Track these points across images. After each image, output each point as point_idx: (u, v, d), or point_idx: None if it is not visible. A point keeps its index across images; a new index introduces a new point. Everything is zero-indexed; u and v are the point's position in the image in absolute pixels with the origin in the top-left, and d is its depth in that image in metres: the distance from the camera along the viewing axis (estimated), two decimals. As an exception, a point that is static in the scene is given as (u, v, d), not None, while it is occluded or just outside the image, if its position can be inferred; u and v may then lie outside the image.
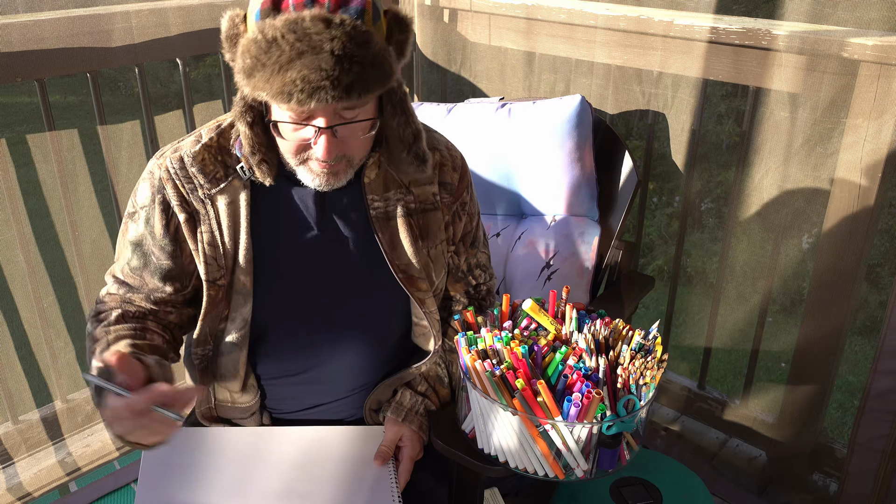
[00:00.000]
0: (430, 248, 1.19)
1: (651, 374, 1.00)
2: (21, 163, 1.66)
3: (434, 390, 1.24)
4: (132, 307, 1.14)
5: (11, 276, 1.70)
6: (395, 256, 1.15)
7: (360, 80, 0.92)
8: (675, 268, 1.96)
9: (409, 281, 1.16)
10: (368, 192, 1.13)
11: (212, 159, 1.09)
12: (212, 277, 1.10)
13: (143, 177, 1.12)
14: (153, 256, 1.12)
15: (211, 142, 1.10)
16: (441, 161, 1.20)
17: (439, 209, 1.19)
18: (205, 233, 1.10)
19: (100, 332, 1.09)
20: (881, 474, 1.55)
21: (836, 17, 1.48)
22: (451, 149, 1.24)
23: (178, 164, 1.09)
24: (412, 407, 1.20)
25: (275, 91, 0.92)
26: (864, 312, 2.87)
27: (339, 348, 1.19)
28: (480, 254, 1.31)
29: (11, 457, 1.79)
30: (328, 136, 0.98)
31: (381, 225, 1.14)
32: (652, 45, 1.70)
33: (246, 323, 1.13)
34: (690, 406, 1.98)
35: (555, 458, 1.00)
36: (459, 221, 1.24)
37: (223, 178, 1.09)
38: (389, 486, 1.12)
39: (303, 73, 0.89)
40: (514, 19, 1.91)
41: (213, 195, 1.09)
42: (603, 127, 1.67)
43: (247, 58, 0.93)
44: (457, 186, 1.21)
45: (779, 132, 1.61)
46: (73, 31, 1.54)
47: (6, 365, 1.73)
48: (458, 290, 1.30)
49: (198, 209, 1.09)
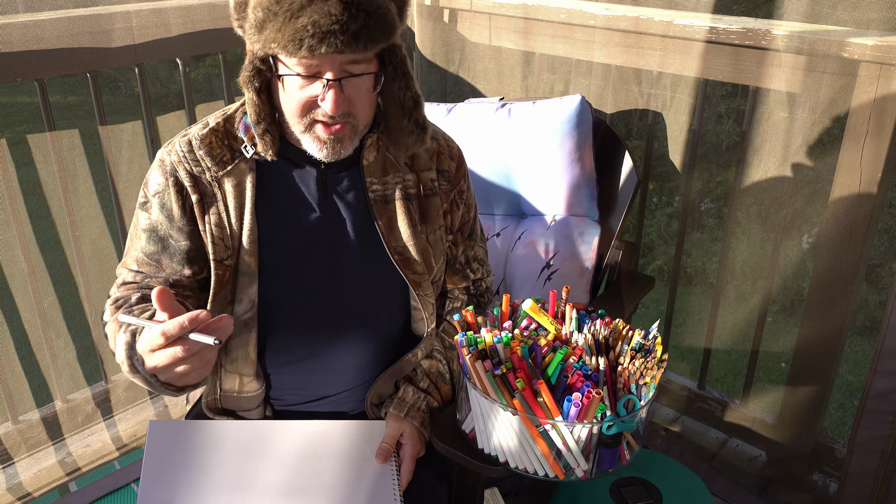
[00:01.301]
0: (429, 234, 1.21)
1: (651, 374, 1.00)
2: (21, 163, 1.66)
3: (436, 387, 1.25)
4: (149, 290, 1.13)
5: (12, 277, 1.70)
6: (393, 239, 1.18)
7: (366, 29, 0.96)
8: (675, 268, 1.96)
9: (404, 263, 1.18)
10: (367, 175, 1.16)
11: (219, 143, 1.12)
12: (219, 257, 1.13)
13: (154, 166, 1.14)
14: (171, 240, 1.13)
15: (218, 126, 1.13)
16: (438, 150, 1.24)
17: (437, 195, 1.22)
18: (212, 214, 1.12)
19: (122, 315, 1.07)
20: (881, 475, 1.55)
21: (835, 17, 1.48)
22: (448, 139, 1.27)
23: (186, 147, 1.12)
24: (414, 403, 1.21)
25: (286, 39, 0.95)
26: (864, 312, 2.87)
27: (341, 333, 1.20)
28: (478, 248, 1.34)
29: (11, 457, 1.79)
30: (336, 89, 1.01)
31: (380, 208, 1.17)
32: (651, 45, 1.70)
33: (253, 304, 1.15)
34: (690, 406, 1.98)
35: (555, 458, 1.00)
36: (457, 210, 1.27)
37: (230, 161, 1.12)
38: (391, 483, 1.13)
39: (313, 19, 0.94)
40: (514, 19, 1.91)
41: (220, 177, 1.12)
42: (603, 127, 1.67)
43: (258, 11, 0.97)
44: (454, 174, 1.25)
45: (779, 132, 1.61)
46: (74, 31, 1.54)
47: (6, 365, 1.73)
48: (456, 282, 1.32)
49: (206, 190, 1.12)
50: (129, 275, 1.16)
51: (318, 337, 1.20)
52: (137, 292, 1.14)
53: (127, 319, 0.97)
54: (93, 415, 1.90)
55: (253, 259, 1.13)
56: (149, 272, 1.15)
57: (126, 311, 1.09)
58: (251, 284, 1.14)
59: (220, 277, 1.13)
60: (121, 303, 1.12)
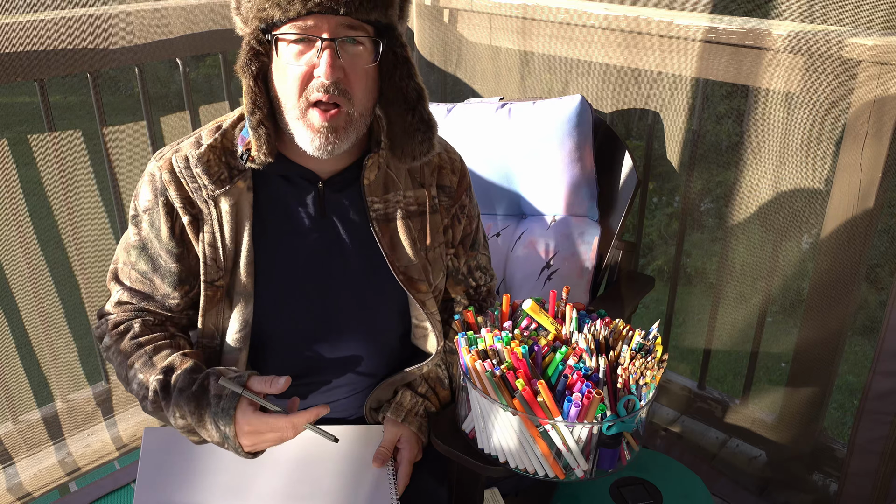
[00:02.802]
0: (429, 251, 1.19)
1: (651, 374, 1.00)
2: (22, 163, 1.66)
3: (434, 392, 1.25)
4: (149, 317, 1.15)
5: (12, 277, 1.70)
6: (396, 258, 1.15)
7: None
8: (675, 268, 1.96)
9: (409, 282, 1.16)
10: (368, 194, 1.13)
11: (216, 161, 1.09)
12: (209, 278, 1.11)
13: (144, 180, 1.12)
14: (161, 260, 1.12)
15: (216, 143, 1.10)
16: (440, 164, 1.21)
17: (437, 212, 1.20)
18: (206, 233, 1.10)
19: (129, 345, 1.11)
20: (881, 475, 1.55)
21: (835, 17, 1.48)
22: (451, 151, 1.24)
23: (182, 163, 1.08)
24: (412, 408, 1.20)
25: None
26: (864, 313, 2.87)
27: (340, 350, 1.19)
28: (480, 256, 1.31)
29: (12, 457, 1.79)
30: (331, 51, 0.98)
31: (382, 226, 1.14)
32: (651, 45, 1.70)
33: (247, 324, 1.13)
34: (690, 406, 1.98)
35: (555, 458, 1.00)
36: (459, 224, 1.24)
37: (227, 181, 1.09)
38: (388, 488, 1.12)
39: None
40: (513, 19, 1.91)
41: (216, 196, 1.09)
42: (603, 127, 1.67)
43: None
44: (456, 189, 1.22)
45: (778, 132, 1.61)
46: (74, 31, 1.54)
47: (7, 365, 1.74)
48: (459, 291, 1.30)
49: (201, 209, 1.09)
50: (124, 294, 1.16)
51: (316, 355, 1.18)
52: (137, 320, 1.14)
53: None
54: (93, 415, 1.90)
55: (250, 279, 1.11)
56: (146, 291, 1.15)
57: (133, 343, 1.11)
58: (247, 305, 1.12)
59: (210, 298, 1.11)
60: (123, 329, 1.13)
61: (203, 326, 1.14)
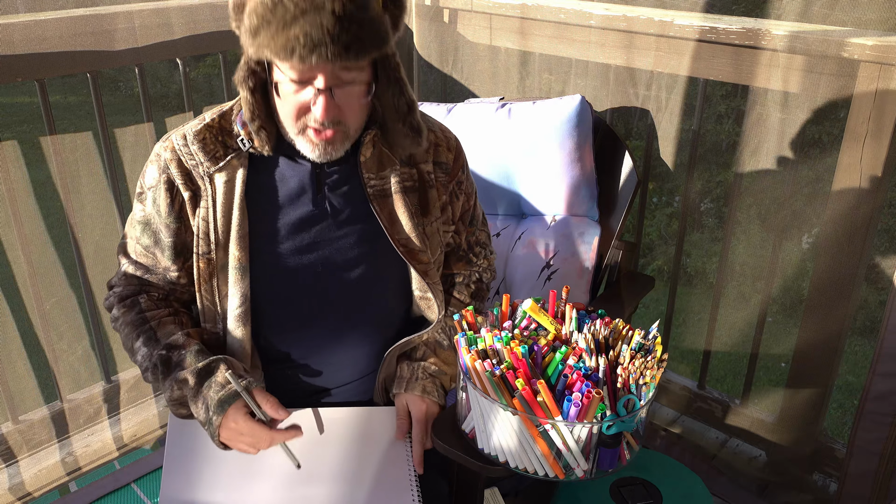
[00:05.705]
0: (426, 226, 1.22)
1: (651, 373, 1.01)
2: (23, 163, 1.66)
3: (433, 353, 1.27)
4: (153, 290, 1.22)
5: (13, 277, 1.70)
6: (395, 231, 1.19)
7: (358, 41, 0.97)
8: (675, 268, 1.96)
9: (410, 254, 1.20)
10: (364, 171, 1.17)
11: (212, 138, 1.14)
12: (200, 251, 1.15)
13: (150, 159, 1.17)
14: (161, 234, 1.17)
15: (213, 122, 1.15)
16: (436, 141, 1.25)
17: (434, 187, 1.23)
18: (202, 208, 1.15)
19: (136, 319, 1.18)
20: (880, 475, 1.55)
21: (834, 18, 1.48)
22: (446, 131, 1.28)
23: (181, 141, 1.14)
24: (411, 375, 1.23)
25: (279, 47, 0.97)
26: (864, 313, 2.87)
27: (340, 326, 1.21)
28: (479, 231, 1.36)
29: (13, 456, 1.79)
30: (326, 97, 1.03)
31: (379, 201, 1.18)
32: (650, 45, 1.70)
33: (246, 299, 1.16)
34: (690, 406, 1.98)
35: (555, 458, 1.00)
36: (457, 200, 1.28)
37: (222, 157, 1.14)
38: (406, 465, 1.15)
39: (305, 29, 0.95)
40: (513, 19, 1.91)
41: (211, 173, 1.14)
42: (603, 127, 1.67)
43: (253, 18, 0.98)
44: (452, 166, 1.26)
45: (778, 132, 1.61)
46: (75, 31, 1.54)
47: (7, 365, 1.74)
48: (460, 268, 1.35)
49: (199, 185, 1.14)
50: (130, 266, 1.21)
51: (316, 331, 1.21)
52: (142, 294, 1.21)
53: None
54: (93, 415, 1.90)
55: (243, 253, 1.15)
56: (148, 265, 1.20)
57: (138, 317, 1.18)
58: (243, 279, 1.15)
59: (201, 271, 1.16)
60: (129, 303, 1.20)
61: (202, 306, 1.18)
